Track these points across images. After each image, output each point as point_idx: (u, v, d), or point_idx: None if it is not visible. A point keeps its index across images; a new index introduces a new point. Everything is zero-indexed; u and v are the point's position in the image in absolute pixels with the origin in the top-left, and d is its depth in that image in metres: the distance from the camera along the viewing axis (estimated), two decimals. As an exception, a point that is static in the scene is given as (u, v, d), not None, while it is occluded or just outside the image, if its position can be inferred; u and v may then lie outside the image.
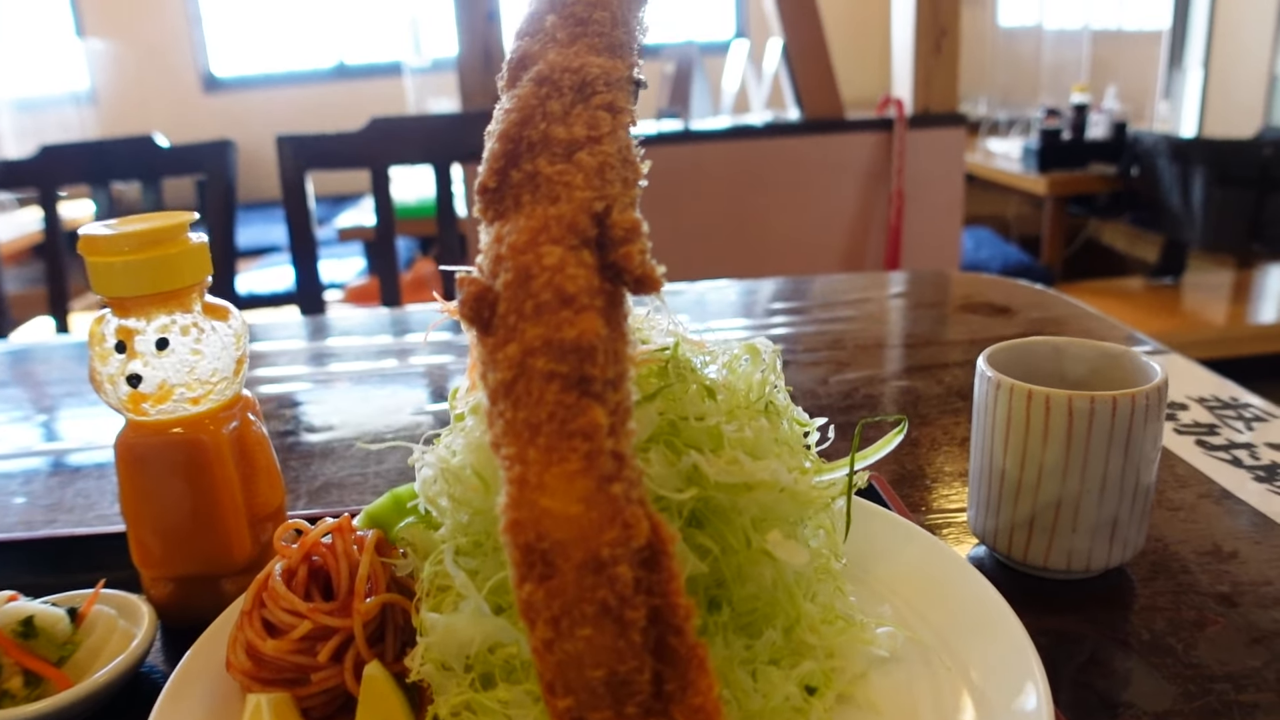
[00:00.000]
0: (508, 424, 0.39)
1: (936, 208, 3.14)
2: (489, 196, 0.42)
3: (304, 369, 1.17)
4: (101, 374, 0.58)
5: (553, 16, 0.47)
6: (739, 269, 3.11)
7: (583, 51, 0.46)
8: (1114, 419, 0.59)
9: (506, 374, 0.39)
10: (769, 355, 0.54)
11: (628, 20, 0.50)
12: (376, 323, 1.35)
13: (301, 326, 1.38)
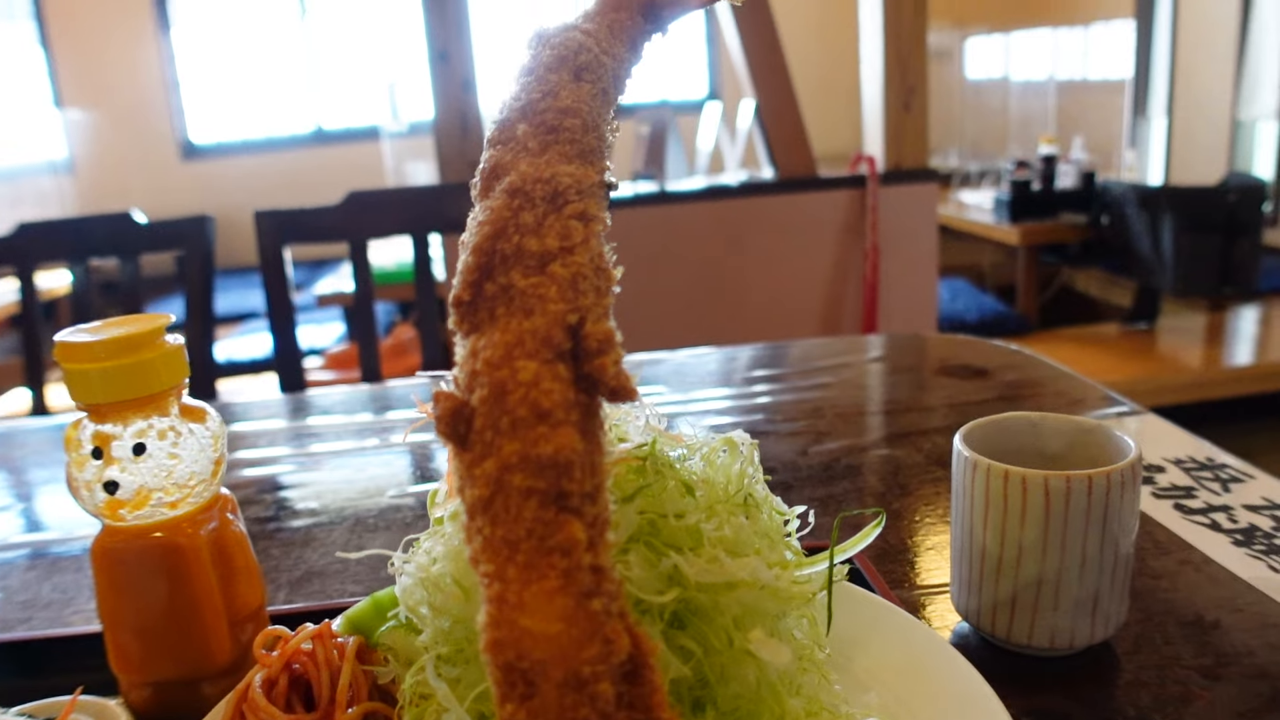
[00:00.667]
0: (486, 540, 0.39)
1: (912, 262, 3.19)
2: (463, 310, 0.43)
3: (284, 450, 1.17)
4: (78, 480, 0.58)
5: (524, 125, 0.48)
6: (718, 328, 3.13)
7: (554, 160, 0.47)
8: (1090, 497, 0.59)
9: (484, 490, 0.39)
10: (746, 448, 0.55)
11: (598, 124, 0.51)
12: (357, 400, 1.35)
13: (282, 405, 1.38)
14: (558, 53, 0.52)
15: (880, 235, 3.09)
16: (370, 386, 1.44)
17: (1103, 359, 3.45)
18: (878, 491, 0.93)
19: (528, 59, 0.54)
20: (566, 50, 0.52)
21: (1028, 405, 1.12)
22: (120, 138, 5.84)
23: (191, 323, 1.78)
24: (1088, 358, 3.49)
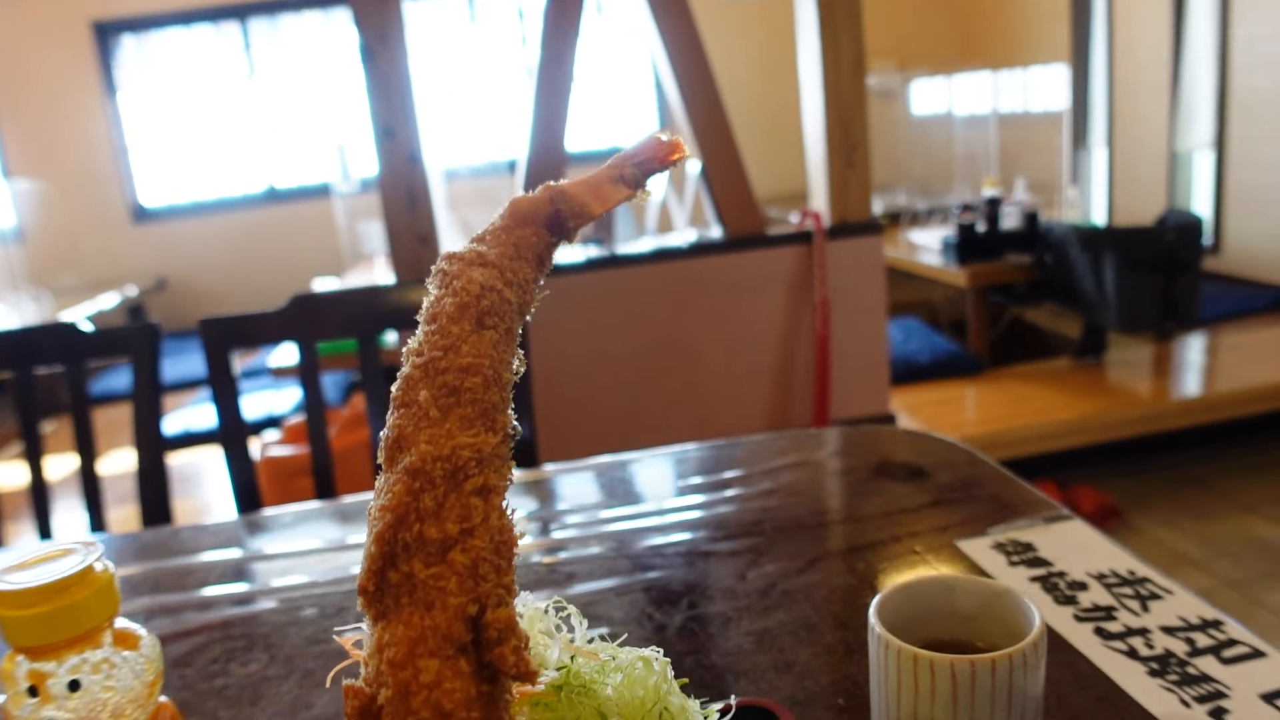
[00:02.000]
0: (396, 837, 0.41)
1: (861, 311, 3.25)
2: (368, 598, 0.45)
3: (233, 588, 1.18)
4: (14, 715, 0.59)
5: (426, 390, 0.51)
6: (672, 389, 3.17)
7: (454, 429, 0.49)
8: (994, 678, 0.63)
9: (393, 788, 0.42)
10: (659, 665, 0.58)
11: (500, 375, 0.54)
12: (309, 523, 1.37)
13: (234, 530, 1.39)
14: (459, 299, 0.55)
15: (829, 288, 3.15)
16: (322, 504, 1.45)
17: (1054, 396, 3.53)
18: (811, 623, 0.96)
19: (432, 299, 0.56)
20: (469, 296, 0.55)
21: (961, 510, 1.16)
22: (69, 204, 5.80)
23: (140, 430, 1.78)
24: (1039, 394, 3.57)
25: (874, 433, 1.45)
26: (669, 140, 0.66)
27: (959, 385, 3.77)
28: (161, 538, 1.40)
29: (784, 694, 0.85)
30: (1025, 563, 1.01)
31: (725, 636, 0.96)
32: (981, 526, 1.10)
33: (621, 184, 0.66)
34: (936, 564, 1.04)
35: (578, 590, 1.08)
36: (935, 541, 1.09)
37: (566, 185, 0.64)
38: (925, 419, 3.50)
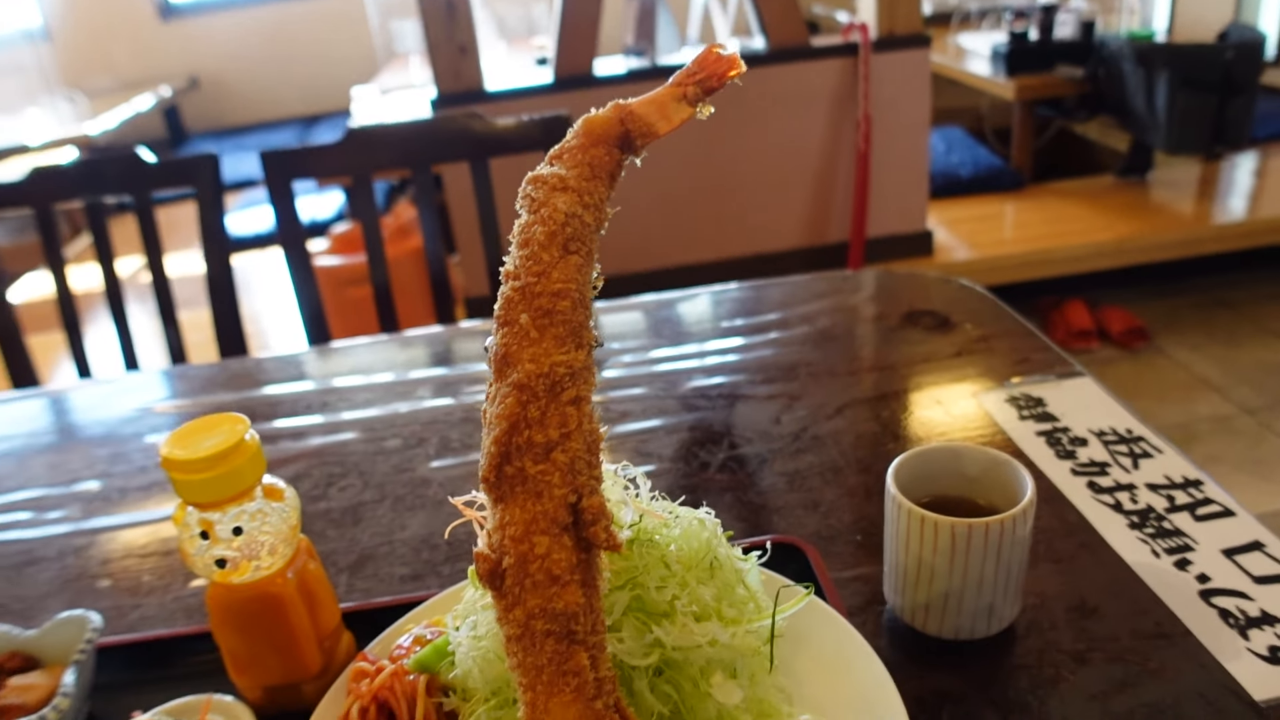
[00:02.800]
0: (519, 663, 0.56)
1: (904, 126, 3.24)
2: (489, 486, 0.58)
3: (320, 419, 1.34)
4: (191, 554, 0.75)
5: (525, 315, 0.62)
6: (713, 205, 3.23)
7: (551, 348, 0.61)
8: (986, 539, 0.76)
9: (515, 629, 0.56)
10: (711, 524, 0.71)
11: (584, 295, 0.64)
12: (382, 355, 1.51)
13: (308, 363, 1.53)
14: (548, 228, 0.65)
15: (872, 103, 3.13)
16: (390, 338, 1.59)
17: (1093, 216, 3.55)
18: (837, 466, 1.10)
19: (523, 223, 0.66)
20: (555, 225, 0.65)
21: (982, 362, 1.27)
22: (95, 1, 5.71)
23: (209, 248, 1.90)
24: (1079, 214, 3.59)
25: (907, 279, 1.54)
26: (727, 55, 0.73)
27: (998, 201, 3.79)
28: (246, 368, 1.55)
29: (809, 530, 0.99)
30: (1034, 417, 1.13)
31: (760, 476, 1.10)
32: (999, 379, 1.22)
33: (685, 102, 0.74)
34: (954, 415, 1.16)
35: (630, 428, 1.22)
36: (956, 393, 1.21)
37: (634, 105, 0.72)
38: (962, 235, 3.55)
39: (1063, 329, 3.44)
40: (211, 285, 1.90)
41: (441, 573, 1.00)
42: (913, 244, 3.41)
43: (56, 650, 0.87)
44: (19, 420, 1.49)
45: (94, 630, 0.85)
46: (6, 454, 1.38)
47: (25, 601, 1.06)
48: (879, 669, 0.74)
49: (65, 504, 1.23)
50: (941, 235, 3.54)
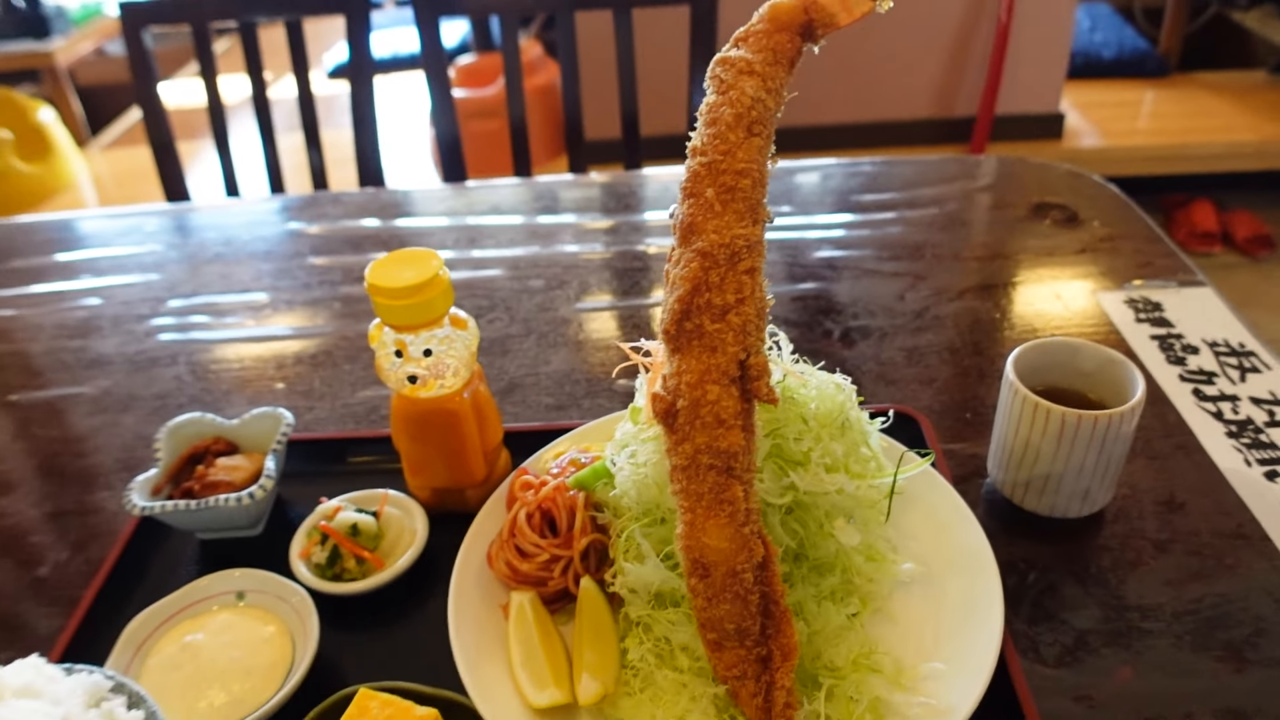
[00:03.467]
0: (683, 489, 0.68)
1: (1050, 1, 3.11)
2: (669, 337, 0.68)
3: (465, 253, 1.45)
4: (385, 369, 0.88)
5: (711, 189, 0.70)
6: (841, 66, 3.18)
7: (731, 222, 0.69)
8: (1094, 431, 0.84)
9: (683, 461, 0.67)
10: (847, 388, 0.80)
11: (763, 174, 0.72)
12: (517, 197, 1.61)
13: (452, 198, 1.64)
14: (735, 110, 0.72)
15: (1022, -30, 3.01)
16: (521, 181, 1.68)
17: (1237, 114, 3.40)
18: (954, 347, 1.17)
19: (711, 102, 0.74)
20: (742, 107, 0.72)
21: (1105, 261, 1.31)
22: None
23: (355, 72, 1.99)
24: (1223, 109, 3.44)
25: (1039, 169, 1.56)
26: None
27: (1139, 87, 3.64)
28: (395, 199, 1.67)
29: (923, 404, 1.08)
30: (1150, 321, 1.18)
31: (881, 348, 1.18)
32: (1120, 280, 1.27)
33: (867, -5, 0.79)
34: (1072, 310, 1.22)
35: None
36: (1076, 289, 1.26)
37: (819, -8, 0.78)
38: (1094, 120, 3.45)
39: (1186, 228, 3.37)
40: (355, 109, 1.99)
41: (582, 405, 1.12)
42: (1042, 125, 3.32)
43: (253, 439, 1.02)
44: (186, 230, 1.64)
45: (288, 425, 1.00)
46: (179, 261, 1.53)
47: (212, 395, 1.22)
48: (978, 532, 0.84)
49: (237, 311, 1.38)
50: (1073, 119, 3.44)
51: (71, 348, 1.35)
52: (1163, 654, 0.80)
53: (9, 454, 1.17)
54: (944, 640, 0.78)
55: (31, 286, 1.51)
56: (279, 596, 0.87)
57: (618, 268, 1.40)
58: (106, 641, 0.87)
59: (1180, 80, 3.68)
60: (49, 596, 0.97)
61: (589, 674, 0.75)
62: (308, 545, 0.91)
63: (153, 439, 1.10)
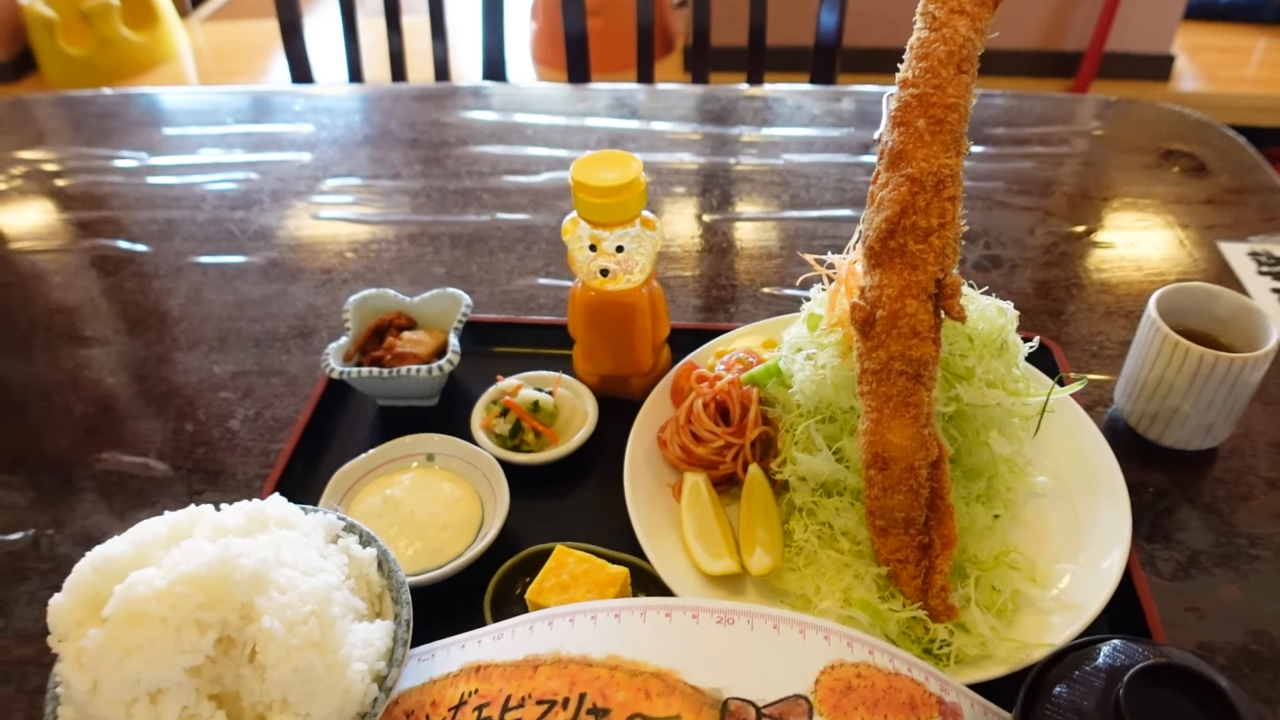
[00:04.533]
0: (871, 391, 0.77)
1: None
2: (873, 254, 0.77)
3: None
4: (579, 261, 0.97)
5: (922, 120, 0.77)
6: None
7: (937, 151, 0.77)
8: (1227, 372, 0.92)
9: (876, 365, 0.77)
10: (1009, 313, 0.89)
11: (967, 109, 0.79)
12: (661, 103, 1.68)
13: (583, 98, 1.71)
14: (949, 47, 0.79)
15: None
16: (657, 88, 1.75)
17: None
18: (1081, 283, 1.25)
19: (924, 37, 0.81)
20: (954, 45, 0.80)
21: (1230, 213, 1.37)
22: None
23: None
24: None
25: (1172, 116, 1.59)
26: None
27: (1255, 33, 3.57)
28: (532, 96, 1.74)
29: (1052, 332, 1.16)
30: (1273, 274, 1.25)
31: (1012, 278, 1.26)
32: (1244, 232, 1.33)
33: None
34: (1196, 258, 1.29)
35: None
36: (1200, 238, 1.32)
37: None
38: (1204, 65, 3.41)
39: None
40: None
41: (728, 310, 1.21)
42: (1151, 66, 3.29)
43: (432, 317, 1.13)
44: (332, 112, 1.73)
45: (468, 307, 1.10)
46: (329, 143, 1.63)
47: (374, 273, 1.33)
48: (1109, 456, 0.93)
49: (392, 195, 1.48)
50: (1181, 61, 3.40)
51: (235, 218, 1.46)
52: (1268, 578, 0.90)
53: (188, 314, 1.29)
54: (1075, 548, 0.88)
55: (188, 156, 1.61)
56: (467, 461, 0.98)
57: (756, 180, 1.47)
58: (304, 490, 0.99)
59: (1302, 28, 3.61)
60: (241, 448, 1.09)
61: (761, 548, 0.86)
62: (488, 418, 1.02)
63: (320, 309, 1.22)
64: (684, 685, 0.63)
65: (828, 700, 0.63)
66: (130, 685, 0.63)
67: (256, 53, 3.70)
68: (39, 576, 0.97)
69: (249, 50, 3.72)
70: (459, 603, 0.86)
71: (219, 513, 0.74)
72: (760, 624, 0.67)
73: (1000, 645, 0.79)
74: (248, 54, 3.68)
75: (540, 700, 0.66)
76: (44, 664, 0.89)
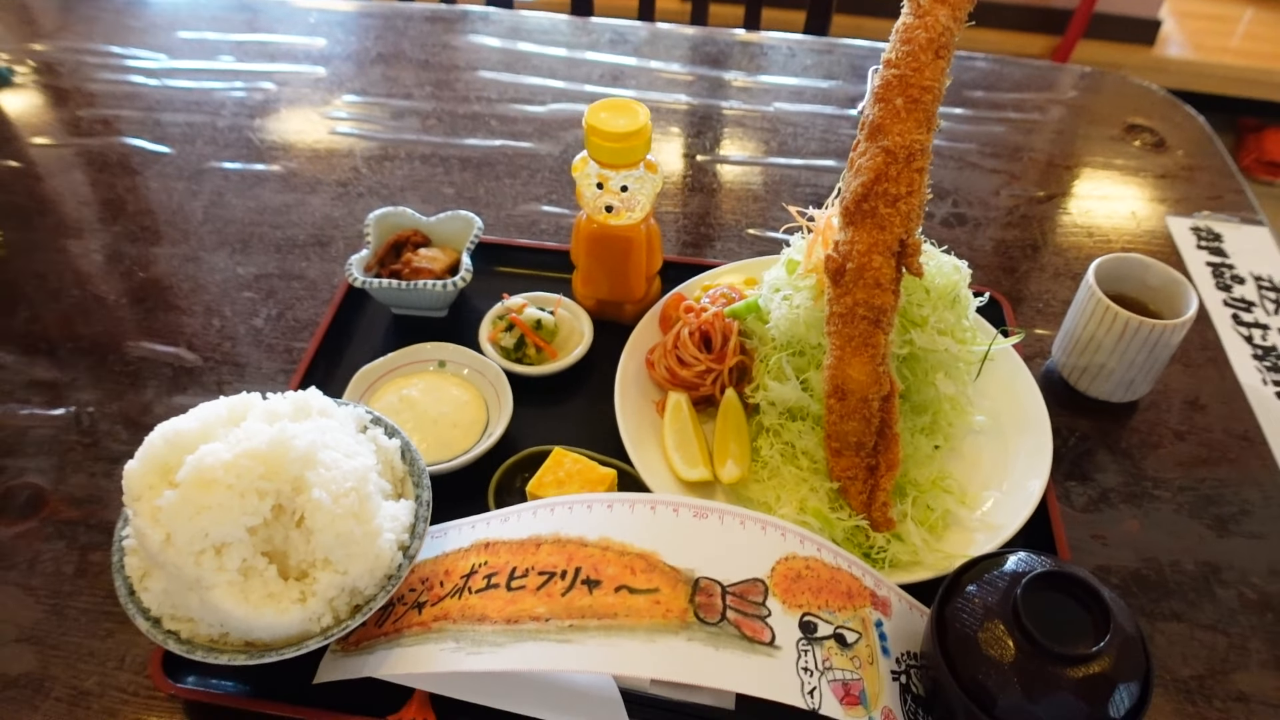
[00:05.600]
0: (837, 331, 0.90)
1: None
2: (848, 213, 0.89)
3: (602, 90, 1.63)
4: (586, 197, 1.09)
5: (900, 99, 0.89)
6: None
7: (911, 127, 0.89)
8: (1149, 334, 1.06)
9: (842, 310, 0.90)
10: (963, 270, 1.02)
11: (941, 90, 0.91)
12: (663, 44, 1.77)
13: (590, 30, 1.80)
14: (929, 34, 0.91)
15: None
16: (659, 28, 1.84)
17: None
18: (1037, 245, 1.38)
19: (908, 22, 0.92)
20: (934, 33, 0.91)
21: (1181, 188, 1.50)
22: None
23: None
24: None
25: (1140, 91, 1.71)
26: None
27: (1242, 3, 3.68)
28: (543, 26, 1.82)
29: (1005, 288, 1.30)
30: (1209, 249, 1.38)
31: (975, 236, 1.39)
32: (1191, 208, 1.46)
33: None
34: (1143, 230, 1.42)
35: (867, 169, 1.50)
36: (1150, 211, 1.45)
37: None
38: (1189, 32, 3.51)
39: (1255, 153, 3.49)
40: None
41: (715, 247, 1.34)
42: (1137, 29, 3.39)
43: (446, 236, 1.24)
44: (347, 27, 1.80)
45: (479, 229, 1.21)
46: (343, 58, 1.71)
47: (388, 189, 1.43)
48: (1039, 401, 1.07)
49: (404, 116, 1.57)
50: (1168, 26, 3.50)
51: (254, 126, 1.55)
52: (1165, 516, 1.05)
53: (211, 217, 1.39)
54: (1002, 477, 1.03)
55: (206, 61, 1.69)
56: (475, 369, 1.11)
57: (747, 125, 1.58)
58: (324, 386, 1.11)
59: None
60: (266, 345, 1.21)
61: (732, 461, 1.00)
62: (494, 331, 1.15)
63: (337, 220, 1.33)
64: (663, 565, 0.77)
65: (780, 584, 0.78)
66: (199, 538, 0.76)
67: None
68: (81, 449, 1.09)
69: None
70: (466, 492, 1.00)
71: (266, 401, 0.87)
72: (729, 519, 0.81)
73: (929, 555, 0.94)
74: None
75: (542, 572, 0.80)
76: (90, 524, 1.02)
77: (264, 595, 0.78)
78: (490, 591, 0.80)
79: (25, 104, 1.60)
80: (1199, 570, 1.00)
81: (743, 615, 0.75)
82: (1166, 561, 1.00)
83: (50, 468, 1.07)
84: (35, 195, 1.42)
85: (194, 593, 0.77)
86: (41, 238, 1.34)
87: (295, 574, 0.81)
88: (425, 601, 0.84)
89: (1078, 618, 0.76)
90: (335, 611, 0.80)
